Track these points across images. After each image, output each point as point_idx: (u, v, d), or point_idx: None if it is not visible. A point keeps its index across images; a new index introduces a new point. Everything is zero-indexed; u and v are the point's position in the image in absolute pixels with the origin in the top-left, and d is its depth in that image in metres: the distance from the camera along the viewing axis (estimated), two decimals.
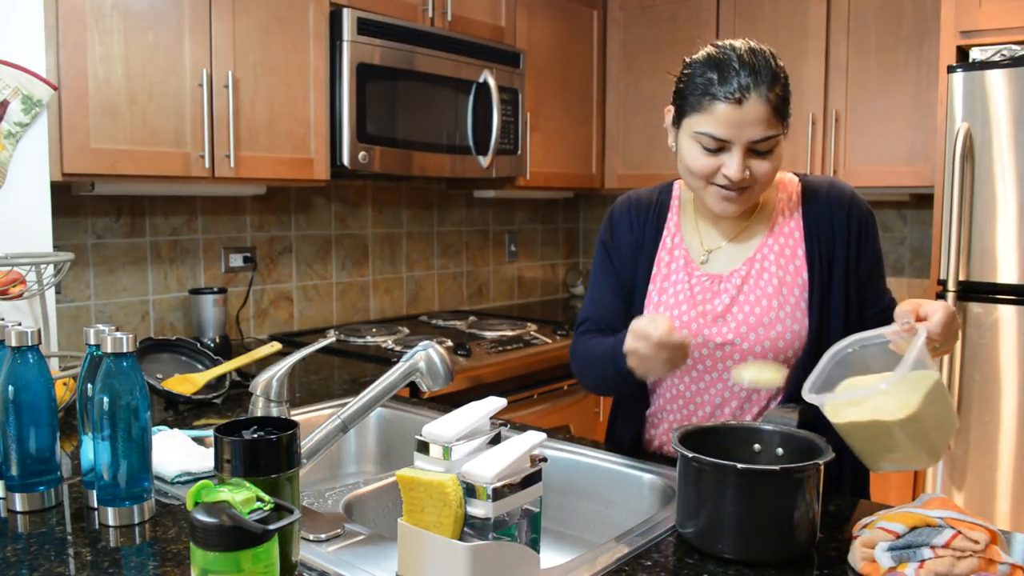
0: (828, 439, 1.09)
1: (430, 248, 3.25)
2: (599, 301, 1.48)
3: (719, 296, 1.35)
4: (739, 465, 0.99)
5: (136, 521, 1.12)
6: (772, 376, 1.24)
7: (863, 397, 1.06)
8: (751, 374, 1.25)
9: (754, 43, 1.27)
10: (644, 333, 1.16)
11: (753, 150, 1.25)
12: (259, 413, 1.19)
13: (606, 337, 1.41)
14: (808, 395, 1.11)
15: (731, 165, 1.24)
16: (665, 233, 1.44)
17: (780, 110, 1.25)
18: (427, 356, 1.18)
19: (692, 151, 1.28)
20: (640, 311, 1.42)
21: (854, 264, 1.34)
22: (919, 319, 1.11)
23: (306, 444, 1.13)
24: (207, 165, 2.09)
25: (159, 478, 1.28)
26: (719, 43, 1.28)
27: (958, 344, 2.33)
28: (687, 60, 1.31)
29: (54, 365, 1.83)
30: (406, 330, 2.73)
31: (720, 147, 1.25)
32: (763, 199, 1.39)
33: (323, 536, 1.08)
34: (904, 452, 1.07)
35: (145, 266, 2.40)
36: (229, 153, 2.13)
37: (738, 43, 1.26)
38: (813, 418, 1.18)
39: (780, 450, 1.13)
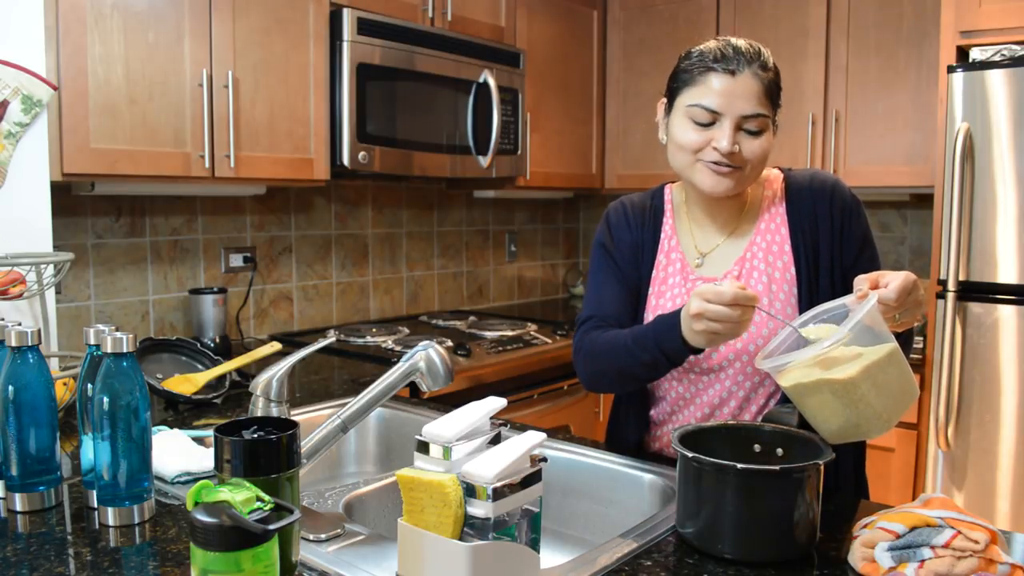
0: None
1: (430, 248, 3.25)
2: (602, 298, 1.44)
3: None
4: (739, 465, 0.99)
5: (136, 521, 1.12)
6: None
7: (808, 360, 1.07)
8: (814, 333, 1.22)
9: (754, 41, 1.31)
10: (716, 292, 1.12)
11: (743, 128, 1.27)
12: (259, 413, 1.19)
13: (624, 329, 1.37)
14: (759, 362, 1.13)
15: (722, 139, 1.26)
16: (663, 236, 1.44)
17: (771, 93, 1.28)
18: (427, 356, 1.18)
19: (683, 127, 1.30)
20: (641, 315, 1.42)
21: (838, 252, 1.34)
22: (878, 287, 1.11)
23: (306, 444, 1.13)
24: (207, 165, 2.09)
25: (159, 478, 1.28)
26: (718, 37, 1.32)
27: (958, 344, 2.33)
28: (687, 50, 1.34)
29: (54, 365, 1.83)
30: (406, 330, 2.73)
31: (712, 120, 1.27)
32: (751, 197, 1.40)
33: (323, 536, 1.08)
34: (849, 418, 1.08)
35: (145, 266, 2.40)
36: (229, 153, 2.13)
37: (735, 38, 1.31)
38: None
39: (780, 450, 1.13)
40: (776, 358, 1.11)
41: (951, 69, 2.31)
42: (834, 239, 1.33)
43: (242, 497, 0.83)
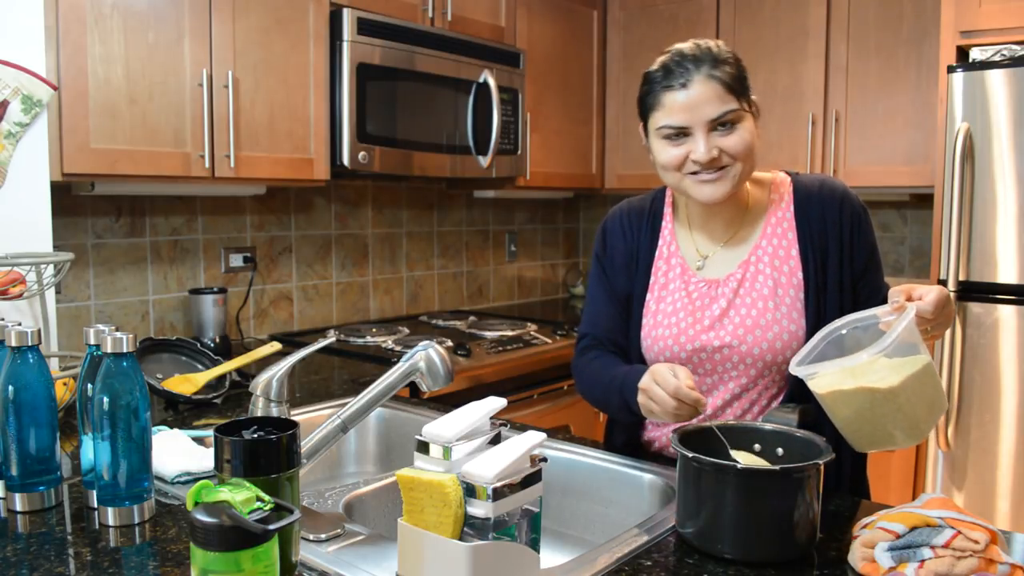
0: (828, 439, 1.09)
1: (430, 248, 3.25)
2: (597, 315, 1.49)
3: (716, 301, 1.35)
4: (739, 465, 0.99)
5: (136, 521, 1.12)
6: None
7: (847, 368, 1.07)
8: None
9: (703, 40, 1.31)
10: (664, 379, 1.19)
11: (716, 129, 1.27)
12: (259, 413, 1.19)
13: (612, 358, 1.43)
14: (794, 368, 1.13)
15: (697, 149, 1.27)
16: (661, 241, 1.44)
17: (732, 86, 1.27)
18: (427, 356, 1.18)
19: (661, 148, 1.32)
20: (639, 321, 1.42)
21: (848, 260, 1.34)
22: (912, 300, 1.12)
23: (306, 444, 1.13)
24: (207, 165, 2.09)
25: (159, 478, 1.28)
26: (667, 48, 1.33)
27: (958, 344, 2.33)
28: (644, 72, 1.35)
29: (54, 365, 1.83)
30: (406, 330, 2.73)
31: (682, 134, 1.28)
32: (755, 200, 1.39)
33: (323, 536, 1.08)
34: (885, 427, 1.08)
35: (145, 266, 2.40)
36: (229, 153, 2.13)
37: (683, 44, 1.31)
38: (813, 418, 1.19)
39: (780, 450, 1.13)
40: (812, 365, 1.11)
41: (951, 69, 2.31)
42: (844, 247, 1.33)
43: (242, 497, 0.83)
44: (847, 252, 1.33)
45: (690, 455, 1.02)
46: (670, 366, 1.22)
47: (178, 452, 1.36)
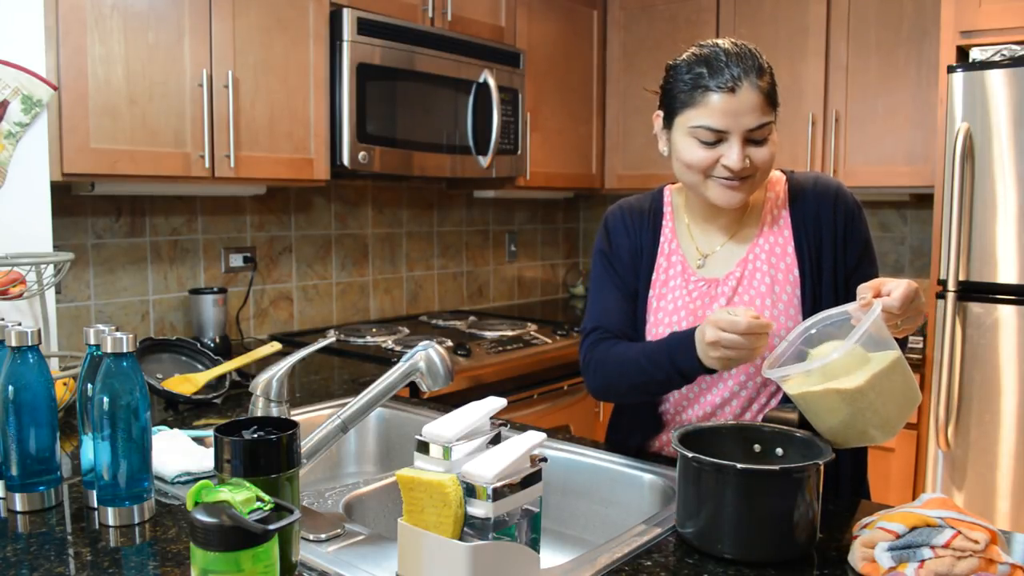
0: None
1: (430, 248, 3.25)
2: (607, 308, 1.44)
3: (716, 300, 1.36)
4: (739, 465, 0.99)
5: (136, 521, 1.12)
6: None
7: (815, 369, 1.07)
8: None
9: (739, 41, 1.28)
10: (730, 321, 1.14)
11: (750, 139, 1.26)
12: (259, 413, 1.19)
13: (635, 342, 1.39)
14: (766, 371, 1.13)
15: (731, 155, 1.25)
16: (662, 239, 1.44)
17: (771, 97, 1.26)
18: (427, 356, 1.18)
19: (689, 146, 1.28)
20: (642, 318, 1.42)
21: (841, 255, 1.34)
22: (880, 296, 1.11)
23: (306, 444, 1.13)
24: (207, 165, 2.09)
25: (159, 478, 1.28)
26: (702, 43, 1.30)
27: (958, 344, 2.33)
28: (670, 63, 1.32)
29: (54, 365, 1.83)
30: (406, 330, 2.73)
31: (718, 139, 1.26)
32: (753, 199, 1.40)
33: (323, 536, 1.08)
34: (857, 425, 1.08)
35: (145, 266, 2.40)
36: (229, 153, 2.13)
37: (721, 40, 1.28)
38: None
39: (780, 450, 1.13)
40: (782, 368, 1.12)
41: (951, 69, 2.30)
42: (837, 242, 1.34)
43: (242, 497, 0.83)
44: (840, 247, 1.34)
45: (690, 455, 1.02)
46: (728, 310, 1.16)
47: (178, 452, 1.36)
